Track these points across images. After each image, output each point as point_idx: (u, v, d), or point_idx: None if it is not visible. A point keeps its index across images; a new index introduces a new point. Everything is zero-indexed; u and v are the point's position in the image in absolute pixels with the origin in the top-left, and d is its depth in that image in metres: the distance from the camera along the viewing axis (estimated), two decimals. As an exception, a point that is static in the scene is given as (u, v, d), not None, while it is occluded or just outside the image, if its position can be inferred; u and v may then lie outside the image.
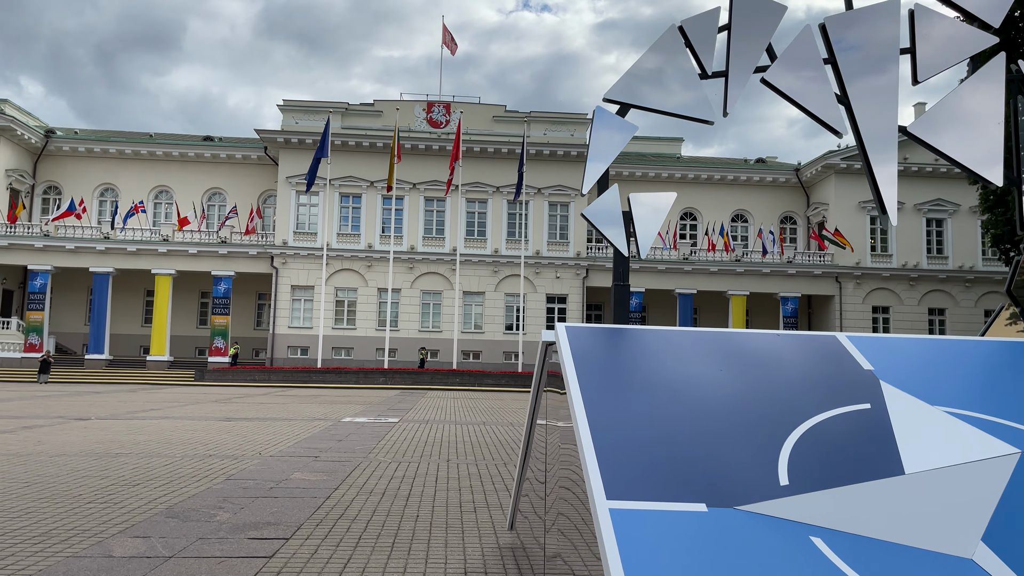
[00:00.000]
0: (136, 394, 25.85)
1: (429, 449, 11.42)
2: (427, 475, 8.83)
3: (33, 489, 7.38)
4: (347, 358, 43.49)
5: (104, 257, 43.71)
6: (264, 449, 10.88)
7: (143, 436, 12.24)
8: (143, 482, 7.92)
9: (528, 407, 4.58)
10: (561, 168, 45.13)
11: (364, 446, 11.49)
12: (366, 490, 7.71)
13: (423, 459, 10.26)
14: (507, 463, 10.07)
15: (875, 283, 44.45)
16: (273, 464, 9.34)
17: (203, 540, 5.43)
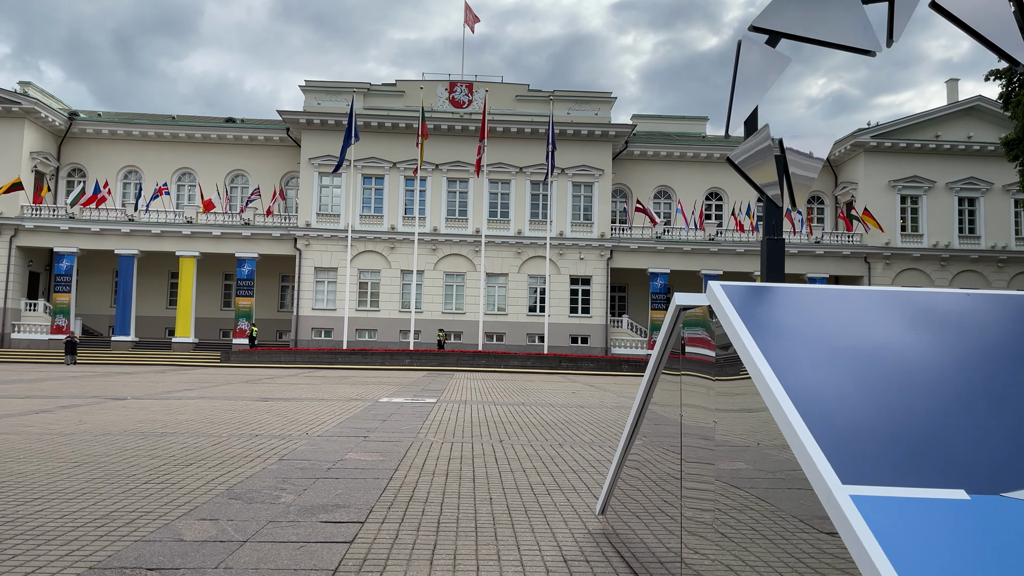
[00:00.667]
0: (166, 375, 25.72)
1: (476, 429, 11.07)
2: (485, 456, 8.47)
3: (84, 469, 7.08)
4: (371, 340, 43.30)
5: (129, 239, 43.69)
6: (310, 429, 10.56)
7: (184, 416, 11.97)
8: (195, 462, 7.61)
9: (644, 383, 4.15)
10: (585, 148, 44.53)
11: (410, 426, 11.16)
12: (428, 471, 7.35)
13: (474, 439, 9.91)
14: (563, 444, 9.69)
15: (905, 263, 43.66)
16: (323, 444, 9.01)
17: (274, 524, 5.09)
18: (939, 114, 43.74)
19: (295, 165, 47.09)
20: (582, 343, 43.78)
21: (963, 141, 43.39)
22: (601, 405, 16.43)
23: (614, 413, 14.42)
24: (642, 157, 47.34)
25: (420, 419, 12.18)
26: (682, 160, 47.43)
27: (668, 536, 3.73)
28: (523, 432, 10.89)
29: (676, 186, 47.59)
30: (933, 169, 44.00)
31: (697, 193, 47.42)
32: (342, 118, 43.74)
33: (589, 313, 44.08)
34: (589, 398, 18.61)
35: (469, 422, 12.04)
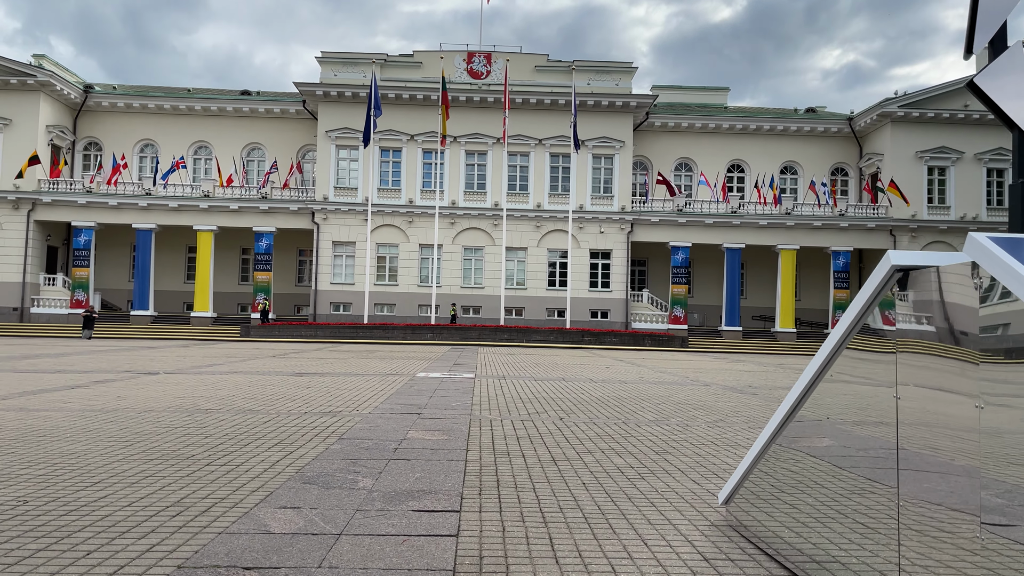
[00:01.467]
0: (190, 349, 25.37)
1: (528, 406, 10.60)
2: (552, 435, 7.99)
3: (138, 449, 6.63)
4: (389, 314, 42.90)
5: (146, 213, 43.27)
6: (358, 406, 10.11)
7: (223, 391, 11.54)
8: (251, 441, 7.15)
9: (821, 359, 3.60)
10: (605, 119, 43.68)
11: (459, 403, 10.69)
12: (501, 452, 6.88)
13: (532, 417, 9.43)
14: (627, 422, 9.21)
15: (931, 236, 42.83)
16: (379, 422, 8.54)
17: (363, 513, 4.61)
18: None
19: (312, 138, 46.45)
20: (602, 317, 43.27)
21: (992, 111, 42.29)
22: (641, 380, 15.94)
23: (660, 389, 13.93)
24: (663, 129, 46.47)
25: (466, 395, 11.71)
26: (704, 131, 46.53)
27: (840, 539, 3.21)
28: (578, 410, 10.41)
29: (697, 158, 46.74)
30: (961, 139, 43.00)
31: (719, 165, 46.57)
32: (359, 90, 43.02)
33: (609, 287, 43.50)
34: (626, 373, 18.13)
35: (517, 399, 11.57)
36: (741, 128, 46.10)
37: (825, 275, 45.74)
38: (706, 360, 26.94)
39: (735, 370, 21.00)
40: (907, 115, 42.57)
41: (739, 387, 15.03)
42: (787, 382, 16.95)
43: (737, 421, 9.53)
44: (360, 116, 43.16)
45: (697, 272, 45.83)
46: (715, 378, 17.42)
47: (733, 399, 12.48)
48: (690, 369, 20.75)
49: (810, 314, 45.67)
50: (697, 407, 11.04)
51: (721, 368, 21.78)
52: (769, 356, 33.74)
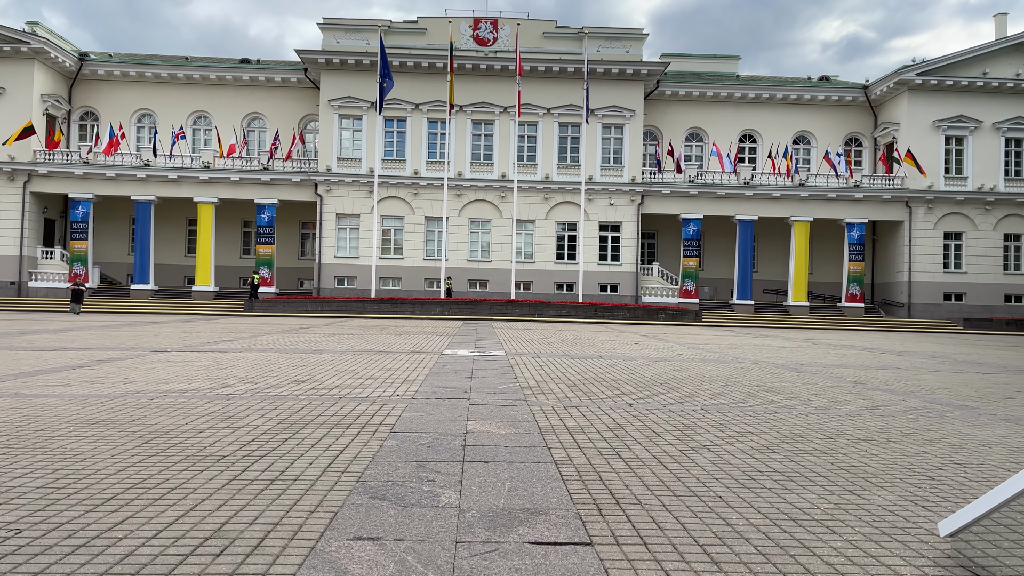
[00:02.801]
0: (195, 324, 24.15)
1: (583, 390, 9.44)
2: (635, 426, 6.82)
3: (155, 447, 5.45)
4: (395, 288, 41.72)
5: (145, 185, 41.86)
6: (396, 389, 8.93)
7: (240, 372, 10.35)
8: (289, 436, 5.97)
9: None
10: (616, 87, 42.22)
11: (506, 385, 9.52)
12: (589, 449, 5.71)
13: (595, 402, 8.27)
14: (705, 409, 8.05)
15: (948, 207, 41.66)
16: (428, 410, 7.37)
17: (466, 548, 3.44)
18: (986, 50, 41.21)
19: (314, 108, 44.92)
20: (611, 291, 42.12)
21: (1012, 79, 40.97)
22: (682, 358, 14.81)
23: (710, 368, 12.79)
24: (673, 97, 45.00)
25: (508, 376, 10.55)
26: (715, 101, 45.08)
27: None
28: (641, 393, 9.25)
29: (709, 128, 45.32)
30: (979, 108, 41.66)
31: (731, 135, 45.18)
32: (363, 57, 41.44)
33: (619, 261, 42.30)
34: (659, 350, 16.99)
35: (565, 380, 10.41)
36: (753, 97, 44.67)
37: (838, 247, 44.61)
38: (729, 335, 25.82)
39: (768, 346, 19.88)
40: (924, 83, 41.19)
41: (790, 365, 13.90)
42: (833, 359, 15.83)
43: (828, 407, 8.39)
44: (364, 84, 41.66)
45: (708, 245, 44.63)
46: (755, 354, 16.30)
47: (796, 379, 11.35)
48: (721, 345, 19.62)
49: (823, 287, 44.59)
50: (768, 389, 9.89)
51: (752, 344, 20.66)
52: (789, 330, 32.66)
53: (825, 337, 26.60)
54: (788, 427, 6.90)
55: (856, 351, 18.74)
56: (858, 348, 20.13)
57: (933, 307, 41.51)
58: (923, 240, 41.67)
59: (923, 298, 41.55)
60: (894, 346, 21.87)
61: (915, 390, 10.38)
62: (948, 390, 10.52)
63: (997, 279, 41.62)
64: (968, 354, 19.11)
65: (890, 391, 10.14)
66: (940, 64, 41.28)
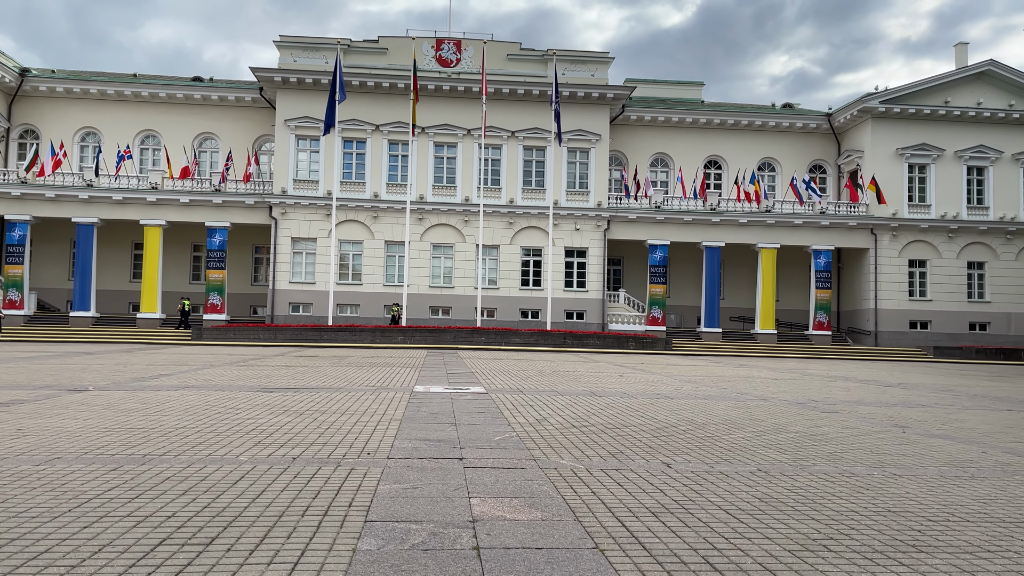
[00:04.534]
0: (133, 355, 21.71)
1: (596, 439, 7.59)
2: (696, 502, 5.00)
3: (16, 562, 3.45)
4: (353, 315, 39.50)
5: (87, 206, 39.12)
6: (366, 443, 6.96)
7: (170, 419, 8.28)
8: (214, 535, 4.00)
9: None
10: (581, 111, 40.94)
11: (500, 434, 7.63)
12: (662, 554, 3.86)
13: (620, 458, 6.43)
14: (759, 468, 6.26)
15: (912, 235, 41.08)
16: (411, 478, 5.45)
17: None
18: (948, 79, 41.00)
19: (270, 128, 42.72)
20: (577, 318, 40.48)
21: (973, 108, 40.78)
22: (682, 395, 13.10)
23: (722, 407, 11.08)
24: (639, 123, 43.92)
25: (499, 422, 8.66)
26: (680, 126, 44.11)
27: None
28: (664, 444, 7.44)
29: (674, 153, 44.30)
30: (942, 137, 41.35)
31: (696, 161, 44.20)
32: (321, 76, 39.51)
33: (585, 287, 40.74)
34: (652, 384, 15.27)
35: (567, 425, 8.56)
36: (718, 123, 43.81)
37: (804, 275, 43.75)
38: (709, 365, 24.26)
39: (759, 378, 18.30)
40: (888, 111, 40.77)
41: (803, 402, 12.27)
42: (840, 394, 14.28)
43: (906, 464, 6.70)
44: (322, 104, 39.65)
45: (674, 271, 43.37)
46: (754, 388, 14.67)
47: (829, 422, 9.68)
48: (710, 376, 17.99)
49: (789, 315, 43.60)
50: (812, 438, 8.18)
51: (740, 375, 19.08)
52: (763, 359, 31.30)
53: (807, 367, 25.22)
54: (892, 500, 5.16)
55: (855, 384, 17.26)
56: (854, 380, 18.68)
57: (899, 335, 40.73)
58: (888, 268, 40.98)
59: (889, 326, 40.77)
60: (885, 376, 20.51)
61: (972, 436, 8.78)
62: (1004, 433, 8.96)
63: (962, 307, 41.07)
64: (971, 387, 17.78)
65: (948, 438, 8.51)
66: (903, 93, 40.93)
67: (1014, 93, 41.08)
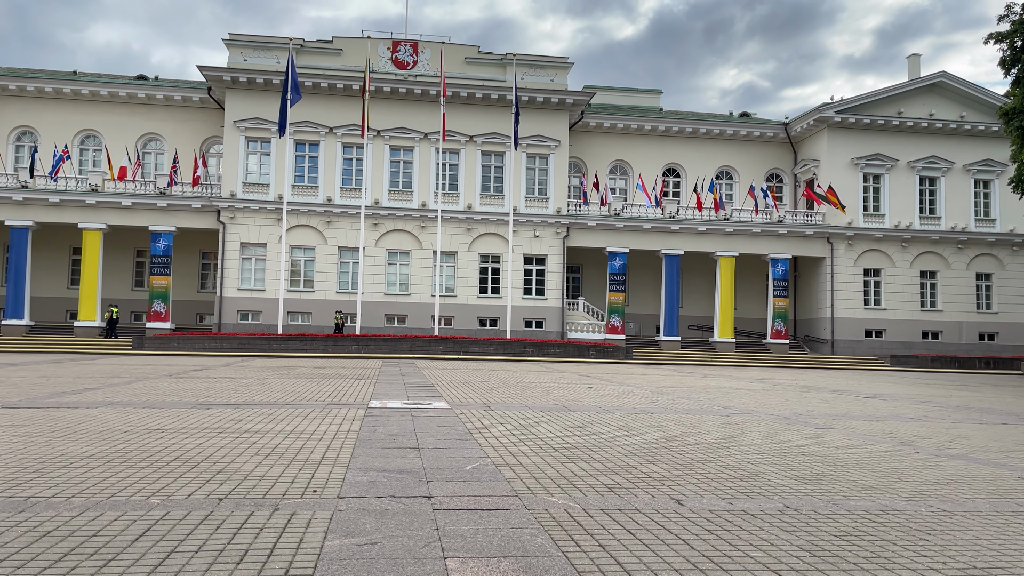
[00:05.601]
0: (63, 366, 19.94)
1: (584, 466, 6.48)
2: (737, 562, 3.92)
3: None
4: (304, 324, 37.87)
5: (22, 209, 36.84)
6: (311, 476, 5.73)
7: (78, 444, 6.92)
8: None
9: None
10: (540, 117, 40.04)
11: (474, 463, 6.47)
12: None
13: (622, 497, 5.33)
14: (796, 509, 5.22)
15: (867, 244, 41.07)
16: (367, 527, 4.26)
17: None
18: (901, 90, 41.18)
19: (218, 129, 40.86)
20: (536, 327, 39.45)
21: (925, 118, 41.00)
22: (661, 408, 12.10)
23: (710, 424, 10.08)
24: (598, 129, 43.18)
25: (470, 445, 7.49)
26: (639, 133, 43.51)
27: None
28: (667, 473, 6.37)
29: (633, 161, 43.66)
30: (895, 147, 41.48)
31: (655, 168, 43.63)
32: (272, 76, 37.89)
33: (544, 295, 39.73)
34: (625, 396, 14.26)
35: (548, 449, 7.44)
36: (677, 131, 43.34)
37: (761, 283, 43.46)
38: (675, 374, 23.40)
39: (731, 388, 17.45)
40: (843, 121, 40.74)
41: (790, 416, 11.37)
42: (823, 407, 13.45)
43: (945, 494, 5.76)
44: (273, 105, 38.03)
45: (633, 279, 42.64)
46: (731, 401, 13.76)
47: (830, 440, 8.73)
48: (681, 388, 17.07)
49: (747, 323, 43.22)
50: (825, 461, 7.19)
51: (711, 386, 18.20)
52: (725, 368, 30.60)
53: (772, 376, 24.54)
54: (969, 551, 4.14)
55: (831, 394, 16.51)
56: (826, 390, 17.95)
57: (855, 343, 40.61)
58: (844, 276, 40.87)
59: (846, 334, 40.62)
60: (855, 386, 19.87)
61: (990, 455, 7.91)
62: (1018, 451, 8.13)
63: (915, 315, 41.15)
64: (946, 397, 17.17)
65: (968, 459, 7.61)
66: (858, 103, 40.97)
67: (965, 105, 41.43)
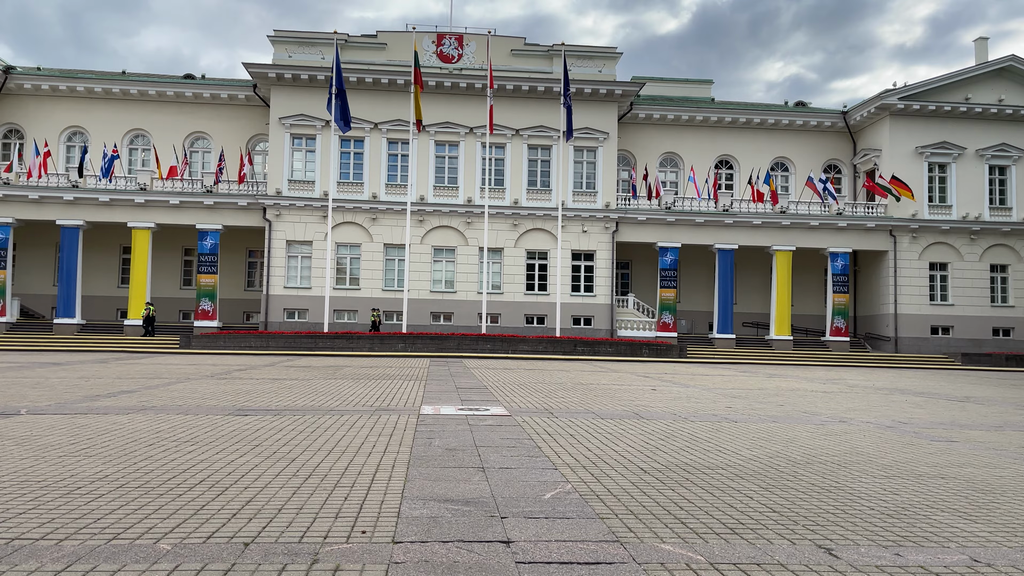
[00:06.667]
0: (107, 366, 19.36)
1: (687, 498, 5.29)
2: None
3: None
4: (351, 321, 37.24)
5: (73, 208, 36.85)
6: (357, 508, 4.64)
7: (94, 462, 5.97)
8: None
9: None
10: (588, 108, 38.75)
11: (553, 491, 5.32)
12: None
13: (753, 544, 4.14)
14: (988, 564, 3.98)
15: (933, 237, 38.90)
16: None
17: None
18: (968, 75, 38.89)
19: (264, 127, 40.48)
20: (585, 324, 38.21)
21: (994, 104, 38.65)
22: (745, 415, 10.80)
23: (808, 435, 8.78)
24: (647, 121, 41.72)
25: (541, 463, 6.35)
26: (690, 124, 41.92)
27: None
28: (786, 500, 5.15)
29: (684, 153, 42.10)
30: (962, 134, 39.21)
31: (707, 161, 42.01)
32: (317, 72, 37.29)
33: (592, 292, 38.47)
34: (695, 400, 12.98)
35: (636, 472, 6.26)
36: (730, 121, 41.64)
37: (818, 278, 41.57)
38: (738, 374, 21.96)
39: (810, 391, 16.02)
40: (907, 108, 38.63)
41: (891, 425, 10.00)
42: (921, 412, 12.00)
43: None
44: (318, 102, 37.48)
45: (684, 275, 41.09)
46: (816, 407, 12.39)
47: (952, 455, 7.39)
48: (755, 390, 15.71)
49: (804, 320, 41.36)
50: (961, 482, 5.88)
51: (787, 389, 16.79)
52: (787, 366, 28.95)
53: (841, 376, 22.94)
54: None
55: (919, 398, 14.99)
56: (910, 393, 16.41)
57: (920, 341, 38.48)
58: (908, 271, 38.77)
59: (910, 332, 38.52)
60: (939, 388, 18.25)
61: None
62: None
63: (985, 311, 38.86)
64: (1047, 400, 15.51)
65: None
66: (922, 89, 38.81)
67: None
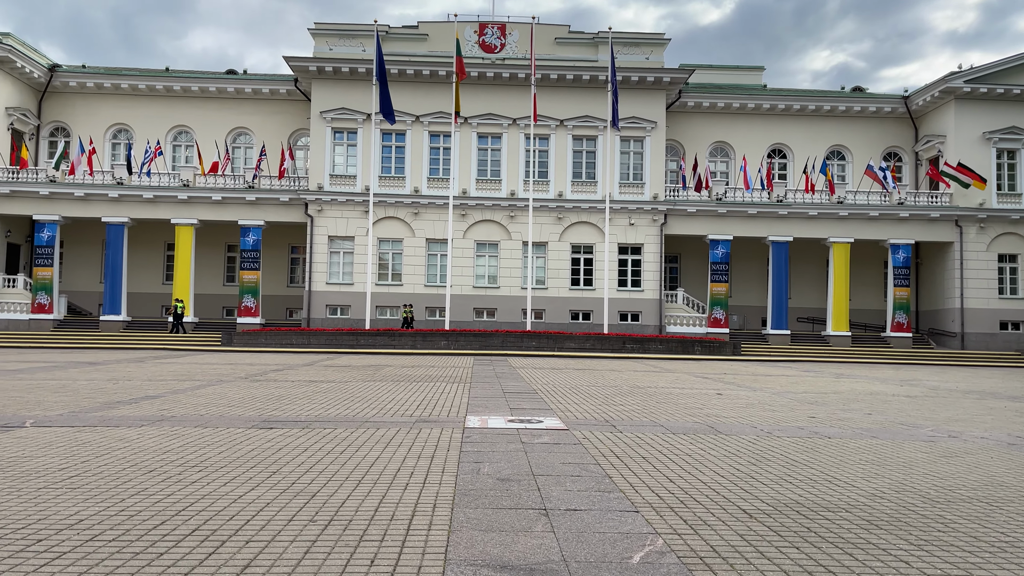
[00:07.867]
0: (142, 366, 18.63)
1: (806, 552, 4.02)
2: None
3: None
4: (393, 318, 36.34)
5: (118, 205, 36.56)
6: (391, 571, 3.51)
7: (75, 496, 4.90)
8: None
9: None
10: (635, 97, 37.19)
11: (636, 544, 4.10)
12: None
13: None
14: None
15: (1002, 227, 36.54)
16: None
17: None
18: (1040, 56, 36.39)
19: (305, 121, 39.75)
20: (632, 320, 36.74)
21: (1068, 85, 36.09)
22: (840, 430, 9.40)
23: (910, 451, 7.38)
24: (696, 109, 39.97)
25: (615, 500, 5.12)
26: (741, 112, 40.05)
27: None
28: (951, 564, 3.83)
29: (735, 142, 40.26)
30: (1030, 116, 36.72)
31: (759, 150, 40.11)
32: (358, 65, 36.39)
33: (640, 286, 36.98)
34: (772, 409, 11.59)
35: (733, 507, 4.99)
36: (783, 108, 39.67)
37: (877, 271, 39.43)
38: (803, 374, 20.38)
39: (891, 395, 14.47)
40: (973, 91, 36.29)
41: (1012, 441, 8.54)
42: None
43: None
44: (359, 95, 36.62)
45: (735, 269, 39.31)
46: (909, 416, 10.91)
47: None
48: (830, 394, 14.22)
49: (862, 315, 39.28)
50: None
51: (863, 392, 15.23)
52: (849, 364, 27.15)
53: (914, 375, 21.20)
54: None
55: (1017, 402, 13.37)
56: (1002, 397, 14.75)
57: (988, 337, 36.18)
58: (975, 263, 36.47)
59: (977, 327, 36.25)
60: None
61: None
62: None
63: (1058, 305, 36.42)
64: None
65: None
66: (988, 72, 36.41)
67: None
